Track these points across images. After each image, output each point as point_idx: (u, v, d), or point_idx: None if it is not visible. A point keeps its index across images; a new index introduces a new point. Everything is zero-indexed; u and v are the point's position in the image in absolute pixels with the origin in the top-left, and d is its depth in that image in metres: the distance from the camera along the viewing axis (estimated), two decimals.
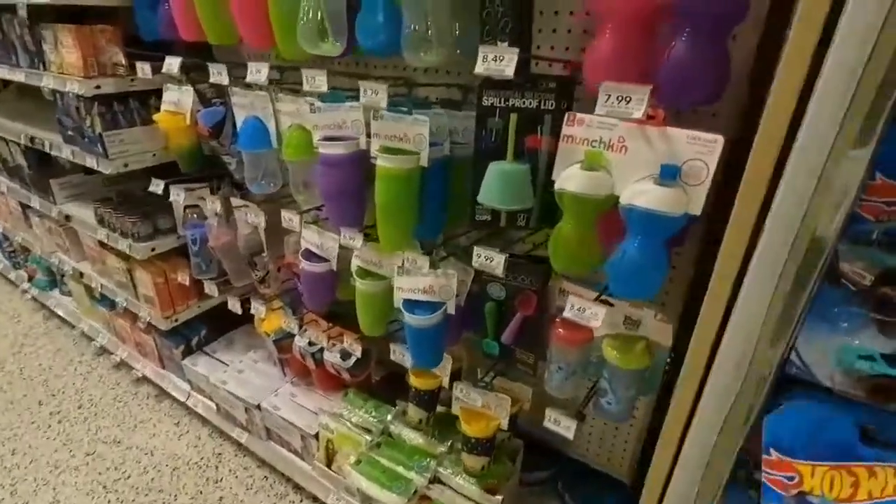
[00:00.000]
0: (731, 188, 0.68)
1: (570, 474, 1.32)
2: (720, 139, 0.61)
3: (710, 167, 0.63)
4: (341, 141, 0.96)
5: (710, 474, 0.62)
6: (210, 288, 1.55)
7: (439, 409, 1.31)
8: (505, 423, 1.07)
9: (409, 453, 1.27)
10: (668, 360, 0.87)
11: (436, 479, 1.23)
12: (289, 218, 1.14)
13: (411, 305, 1.00)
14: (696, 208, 0.64)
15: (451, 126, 0.99)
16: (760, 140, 0.50)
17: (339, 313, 1.38)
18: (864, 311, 0.45)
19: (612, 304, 0.85)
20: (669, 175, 0.64)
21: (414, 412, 1.23)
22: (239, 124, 1.18)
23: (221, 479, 1.65)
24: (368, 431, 1.34)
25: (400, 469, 1.24)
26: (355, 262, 1.12)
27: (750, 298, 0.53)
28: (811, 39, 0.43)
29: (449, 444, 1.26)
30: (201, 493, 1.60)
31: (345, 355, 1.34)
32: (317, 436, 1.40)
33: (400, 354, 1.12)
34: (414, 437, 1.30)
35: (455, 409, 1.12)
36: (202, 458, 1.73)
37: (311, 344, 1.39)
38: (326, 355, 1.36)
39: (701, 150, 0.63)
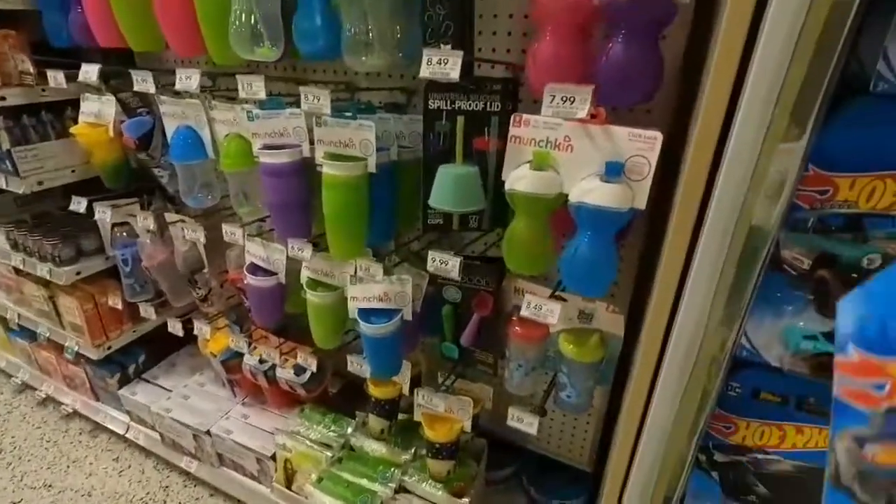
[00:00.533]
0: (667, 181, 0.72)
1: (534, 469, 1.35)
2: (659, 136, 0.64)
3: (652, 163, 0.65)
4: (284, 149, 0.93)
5: (670, 458, 0.65)
6: (146, 310, 1.45)
7: (401, 416, 1.29)
8: (468, 426, 1.07)
9: (372, 465, 1.24)
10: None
11: (401, 489, 1.21)
12: (231, 232, 1.09)
13: (367, 314, 0.98)
14: (641, 202, 0.67)
15: (396, 130, 0.98)
16: (698, 137, 0.53)
17: (289, 327, 1.33)
18: (804, 294, 0.49)
19: (565, 300, 0.87)
20: (614, 172, 0.66)
21: (375, 422, 1.21)
22: (170, 135, 1.10)
23: None
24: (328, 447, 1.29)
25: (364, 482, 1.21)
26: (305, 274, 1.08)
27: (696, 287, 0.56)
28: (739, 38, 0.46)
29: (413, 451, 1.24)
30: None
31: (299, 371, 1.29)
32: (273, 457, 1.34)
33: (357, 365, 1.09)
34: (377, 448, 1.27)
35: (417, 416, 1.10)
36: (147, 494, 1.61)
37: (261, 361, 1.33)
38: (279, 372, 1.31)
39: (642, 146, 0.65)
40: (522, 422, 0.91)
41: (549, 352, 0.95)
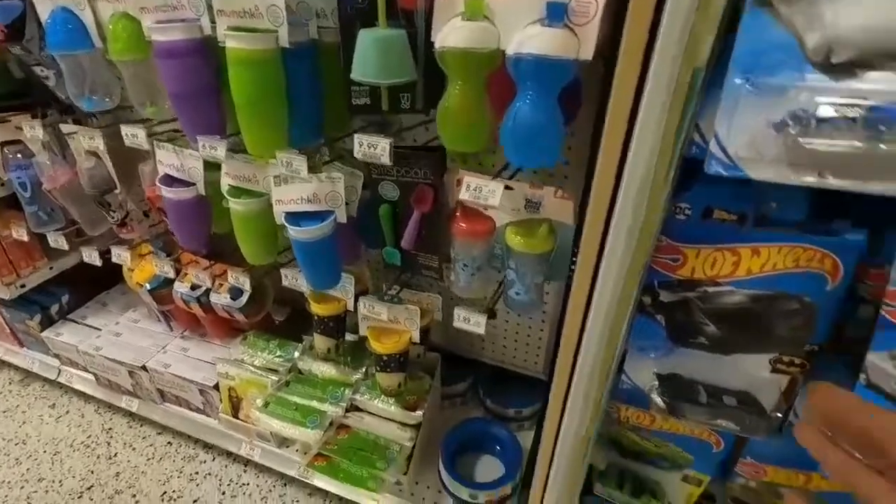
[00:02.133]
0: (616, 34, 0.63)
1: (490, 380, 1.33)
2: None
3: (599, 2, 0.56)
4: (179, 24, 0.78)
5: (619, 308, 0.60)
6: (57, 241, 1.30)
7: (350, 337, 1.23)
8: (416, 336, 1.02)
9: (322, 386, 1.19)
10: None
11: (353, 407, 1.17)
12: (131, 134, 0.94)
13: (296, 219, 0.88)
14: (587, 52, 0.58)
15: (317, 7, 0.84)
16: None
17: (225, 252, 1.21)
18: None
19: (511, 188, 0.79)
20: (556, 15, 0.57)
21: (321, 342, 1.14)
22: (45, 21, 0.92)
23: (116, 455, 1.47)
24: (275, 372, 1.23)
25: (314, 403, 1.16)
26: (226, 181, 0.96)
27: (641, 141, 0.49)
28: None
29: (364, 370, 1.19)
30: (92, 472, 1.42)
31: (235, 294, 1.20)
32: (217, 387, 1.26)
33: (293, 279, 1.00)
34: (326, 370, 1.22)
35: (363, 330, 1.04)
36: (89, 437, 1.52)
37: (193, 288, 1.23)
38: (213, 298, 1.21)
39: None
40: (469, 322, 0.86)
41: (496, 250, 0.89)
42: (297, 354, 1.24)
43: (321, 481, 1.18)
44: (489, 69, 0.63)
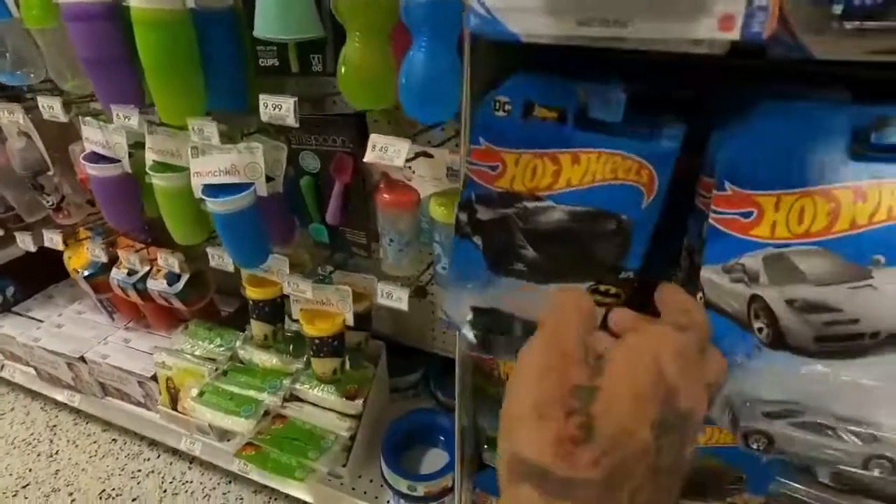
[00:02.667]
0: None
1: (441, 372, 1.28)
2: None
3: None
4: None
5: None
6: None
7: (297, 326, 1.19)
8: (350, 319, 0.97)
9: (261, 376, 1.14)
10: None
11: (293, 397, 1.12)
12: (48, 106, 0.91)
13: (216, 192, 0.84)
14: None
15: None
16: None
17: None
18: None
19: (431, 155, 0.76)
20: None
21: (257, 328, 1.10)
22: None
23: (57, 452, 1.41)
24: (214, 361, 1.18)
25: (251, 393, 1.11)
26: (150, 156, 0.93)
27: None
28: None
29: (305, 358, 1.15)
30: (31, 470, 1.36)
31: (172, 279, 1.16)
32: (155, 377, 1.22)
33: (220, 258, 0.97)
34: (267, 359, 1.17)
35: (295, 313, 1.00)
36: (31, 435, 1.47)
37: (130, 274, 1.18)
38: (150, 284, 1.16)
39: None
40: (392, 297, 0.82)
41: (423, 224, 0.85)
42: (238, 343, 1.20)
43: (256, 474, 1.13)
44: (390, 19, 0.60)
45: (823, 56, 0.27)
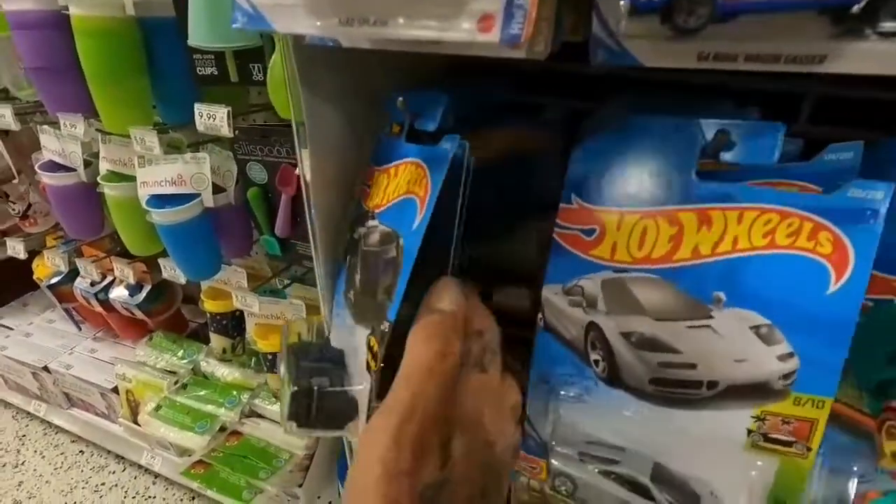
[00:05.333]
0: None
1: None
2: None
3: None
4: None
5: None
6: None
7: None
8: (306, 334, 0.94)
9: (221, 390, 1.12)
10: None
11: (252, 413, 1.09)
12: (0, 114, 0.90)
13: (162, 202, 0.82)
14: None
15: None
16: None
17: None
18: None
19: None
20: None
21: (216, 341, 1.08)
22: None
23: (23, 463, 1.39)
24: (174, 374, 1.16)
25: (209, 408, 1.08)
26: (103, 165, 0.91)
27: None
28: None
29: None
30: None
31: (133, 290, 1.14)
32: (116, 389, 1.19)
33: (171, 270, 0.94)
34: (228, 373, 1.14)
35: (249, 328, 0.98)
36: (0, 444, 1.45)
37: (93, 284, 1.17)
38: (112, 293, 1.15)
39: None
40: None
41: None
42: (201, 356, 1.18)
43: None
44: None
45: (652, 64, 0.24)
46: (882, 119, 0.42)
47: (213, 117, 0.68)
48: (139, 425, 1.18)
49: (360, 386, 0.43)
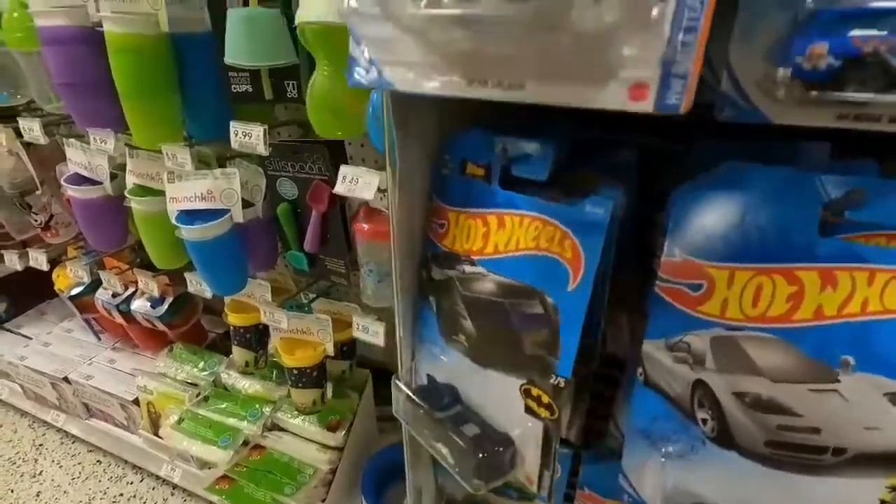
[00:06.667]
0: None
1: None
2: None
3: None
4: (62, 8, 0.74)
5: None
6: None
7: None
8: (330, 349, 0.94)
9: (243, 403, 1.11)
10: None
11: (274, 426, 1.08)
12: (28, 128, 0.90)
13: (191, 218, 0.82)
14: None
15: None
16: None
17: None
18: None
19: None
20: None
21: (238, 354, 1.07)
22: None
23: (41, 473, 1.39)
24: (196, 386, 1.15)
25: (231, 421, 1.08)
26: (130, 179, 0.91)
27: None
28: None
29: (289, 385, 1.11)
30: (12, 491, 1.33)
31: (155, 302, 1.13)
32: (137, 401, 1.19)
33: (197, 284, 0.94)
34: (250, 385, 1.14)
35: (274, 342, 0.97)
36: (17, 454, 1.44)
37: (115, 295, 1.17)
38: (134, 305, 1.14)
39: None
40: (368, 331, 0.78)
41: None
42: (222, 368, 1.17)
43: None
44: None
45: (784, 122, 0.23)
46: None
47: (248, 135, 0.68)
48: (160, 437, 1.17)
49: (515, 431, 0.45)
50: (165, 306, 1.13)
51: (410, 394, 0.53)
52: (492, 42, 0.21)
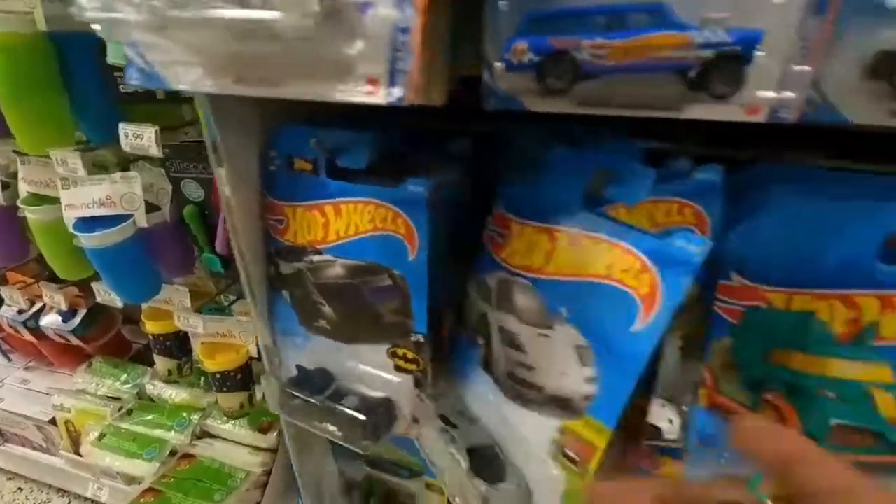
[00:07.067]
0: None
1: None
2: None
3: None
4: None
5: None
6: None
7: None
8: (254, 350, 0.93)
9: (170, 413, 1.08)
10: None
11: (203, 434, 1.06)
12: None
13: (92, 225, 0.78)
14: None
15: None
16: None
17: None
18: None
19: None
20: None
21: (160, 363, 1.04)
22: None
23: None
24: (119, 400, 1.11)
25: (158, 432, 1.05)
26: (23, 187, 0.86)
27: None
28: None
29: None
30: None
31: (66, 316, 1.08)
32: (54, 421, 1.13)
33: (105, 293, 0.90)
34: (176, 394, 1.11)
35: (195, 347, 0.95)
36: None
37: (21, 312, 1.10)
38: (43, 321, 1.08)
39: None
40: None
41: None
42: (146, 379, 1.13)
43: None
44: None
45: (538, 109, 0.25)
46: None
47: (139, 137, 0.65)
48: (81, 456, 1.12)
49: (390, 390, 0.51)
50: (78, 319, 1.08)
51: (284, 387, 0.55)
52: (235, 45, 0.23)
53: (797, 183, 0.36)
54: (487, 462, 0.40)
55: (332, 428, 0.51)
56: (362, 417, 0.49)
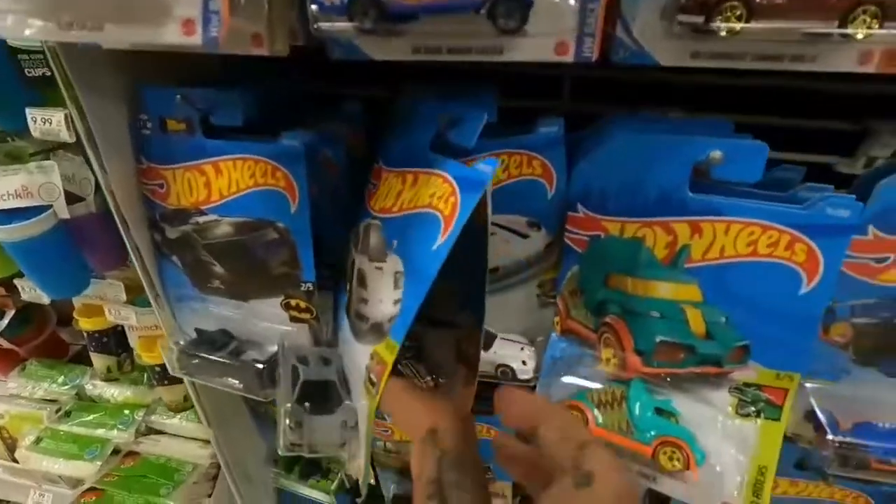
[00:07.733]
0: None
1: None
2: None
3: None
4: None
5: None
6: None
7: None
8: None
9: (113, 412, 1.05)
10: None
11: (150, 430, 1.04)
12: None
13: (9, 218, 0.75)
14: None
15: None
16: None
17: None
18: None
19: None
20: None
21: (98, 361, 1.01)
22: None
23: None
24: (56, 402, 1.07)
25: (100, 432, 1.02)
26: None
27: None
28: None
29: None
30: None
31: None
32: None
33: (31, 291, 0.87)
34: (119, 393, 1.08)
35: (132, 341, 0.93)
36: None
37: None
38: None
39: None
40: None
41: None
42: (85, 379, 1.09)
43: None
44: None
45: (379, 57, 0.27)
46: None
47: (48, 121, 0.63)
48: (18, 462, 1.08)
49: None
50: (6, 321, 1.03)
51: (183, 350, 0.56)
52: None
53: (633, 126, 0.41)
54: (321, 396, 0.43)
55: (232, 381, 0.53)
56: (259, 366, 0.50)
